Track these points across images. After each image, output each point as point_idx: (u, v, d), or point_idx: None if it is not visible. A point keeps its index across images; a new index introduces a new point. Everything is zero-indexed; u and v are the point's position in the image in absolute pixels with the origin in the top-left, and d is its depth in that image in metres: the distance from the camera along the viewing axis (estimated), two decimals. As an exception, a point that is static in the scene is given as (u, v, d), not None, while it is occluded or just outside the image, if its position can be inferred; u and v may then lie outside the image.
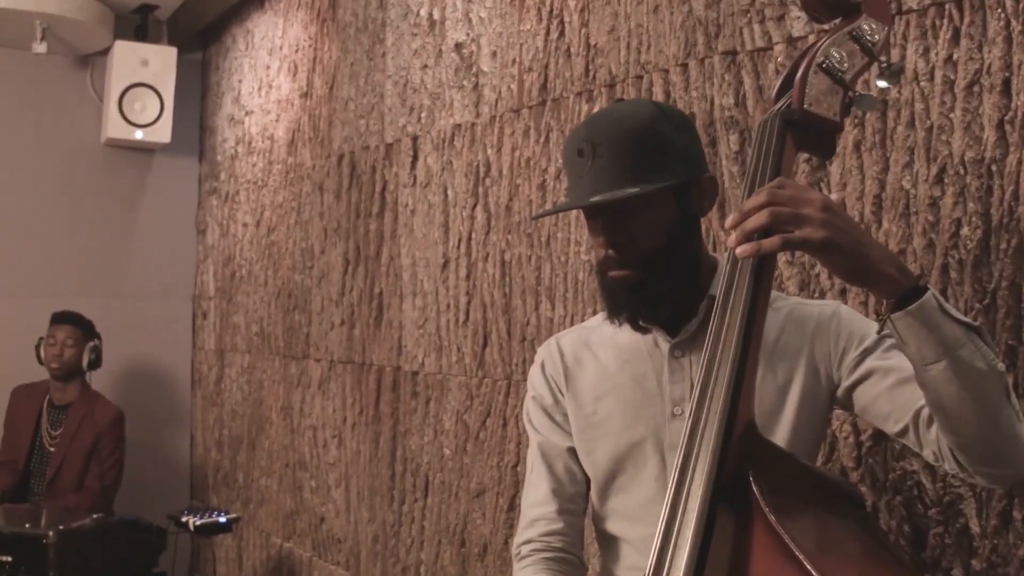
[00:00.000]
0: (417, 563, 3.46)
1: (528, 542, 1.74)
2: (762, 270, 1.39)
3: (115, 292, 5.27)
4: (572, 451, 1.76)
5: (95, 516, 3.52)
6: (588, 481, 1.76)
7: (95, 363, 4.50)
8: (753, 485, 1.28)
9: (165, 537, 3.90)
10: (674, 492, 1.33)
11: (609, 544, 1.74)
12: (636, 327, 1.70)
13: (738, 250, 1.35)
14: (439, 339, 3.36)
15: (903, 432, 1.52)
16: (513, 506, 3.00)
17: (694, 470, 1.32)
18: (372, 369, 3.74)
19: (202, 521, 3.87)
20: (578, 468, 1.76)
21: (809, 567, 1.17)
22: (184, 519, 3.90)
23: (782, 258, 2.16)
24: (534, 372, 1.84)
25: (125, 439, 4.46)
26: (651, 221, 1.60)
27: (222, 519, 3.93)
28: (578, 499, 1.77)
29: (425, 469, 3.42)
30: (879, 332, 1.40)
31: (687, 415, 1.37)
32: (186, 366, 5.49)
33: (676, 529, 1.30)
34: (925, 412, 1.47)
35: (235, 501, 4.82)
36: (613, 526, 1.72)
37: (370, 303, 3.77)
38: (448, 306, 3.32)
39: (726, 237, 1.41)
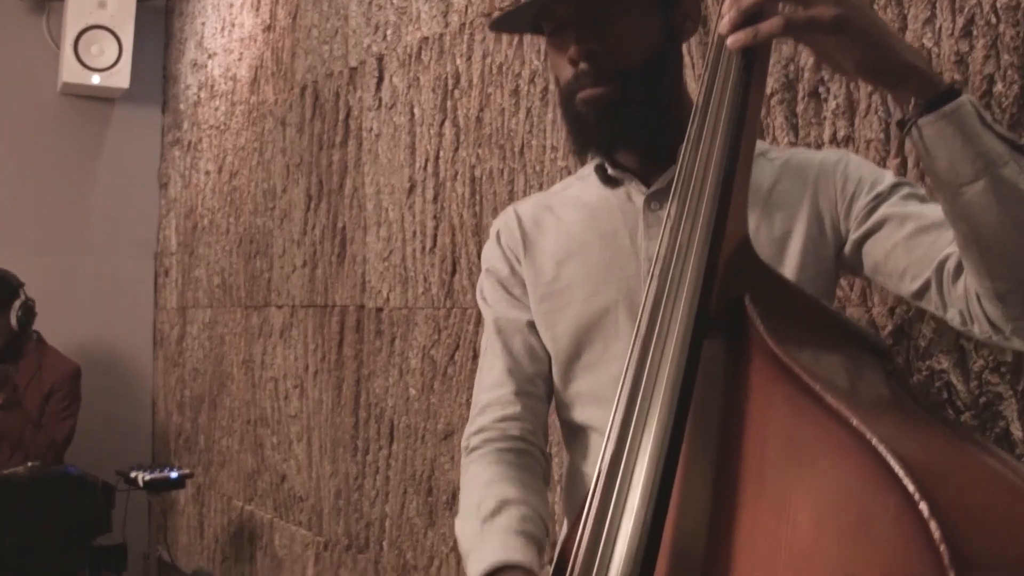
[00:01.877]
0: (382, 517, 3.18)
1: (480, 431, 1.45)
2: (754, 63, 1.11)
3: (74, 249, 4.97)
4: (532, 326, 1.47)
5: (30, 464, 3.22)
6: (551, 361, 1.47)
7: (26, 320, 4.12)
8: (750, 310, 1.00)
9: (113, 494, 3.62)
10: (645, 328, 1.05)
11: (576, 436, 1.45)
12: (606, 178, 1.42)
13: (730, 39, 1.07)
14: (404, 271, 3.08)
15: (923, 290, 1.23)
16: (483, 446, 2.72)
17: (673, 298, 1.03)
18: (335, 311, 3.45)
19: (151, 476, 3.59)
20: (539, 345, 1.46)
21: (833, 402, 0.87)
22: (133, 475, 3.61)
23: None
24: (488, 245, 1.56)
25: (80, 396, 4.16)
26: (629, 29, 1.31)
27: (173, 474, 3.65)
28: (539, 380, 1.47)
29: (390, 414, 3.14)
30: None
31: (661, 243, 1.09)
32: (148, 327, 5.19)
33: (648, 371, 1.00)
34: (951, 262, 1.18)
35: (196, 465, 4.53)
36: (580, 413, 1.43)
37: (333, 240, 3.48)
38: (414, 234, 3.04)
39: (714, 29, 1.14)
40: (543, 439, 1.47)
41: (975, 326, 1.17)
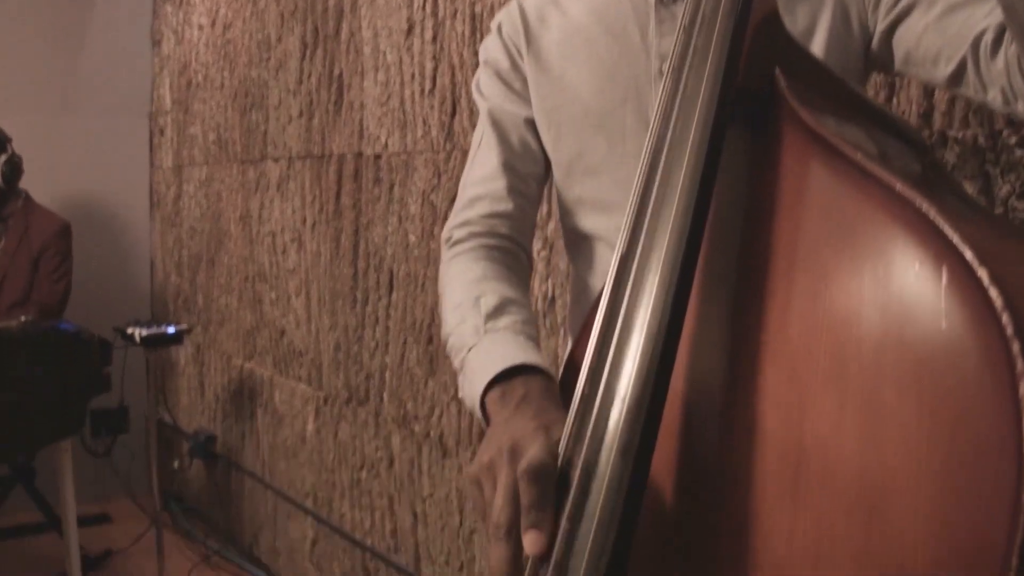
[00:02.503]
0: (382, 368, 3.14)
1: (465, 224, 1.33)
2: None
3: (64, 108, 4.84)
4: (531, 123, 1.36)
5: (23, 319, 3.15)
6: (548, 165, 1.38)
7: (12, 176, 3.99)
8: (781, 83, 0.90)
9: (110, 351, 3.56)
10: (659, 124, 0.94)
11: (581, 247, 1.36)
12: None
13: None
14: (403, 114, 2.97)
15: (959, 73, 1.13)
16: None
17: (692, 83, 0.93)
18: (332, 160, 3.36)
19: (149, 332, 3.54)
20: (537, 145, 1.36)
21: (878, 171, 0.77)
22: (130, 331, 3.56)
23: None
24: (488, 38, 1.44)
25: (72, 253, 4.09)
26: None
27: (170, 330, 3.60)
28: (532, 182, 1.36)
29: (389, 263, 3.07)
30: None
31: (678, 38, 0.99)
32: (143, 188, 5.09)
33: (663, 168, 0.89)
34: (988, 36, 1.08)
35: (196, 325, 4.49)
36: (584, 221, 1.33)
37: (329, 87, 3.37)
38: (413, 76, 2.93)
39: None
40: (529, 243, 1.38)
41: (1020, 103, 1.08)
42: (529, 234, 1.38)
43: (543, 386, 1.06)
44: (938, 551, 0.65)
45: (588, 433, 0.83)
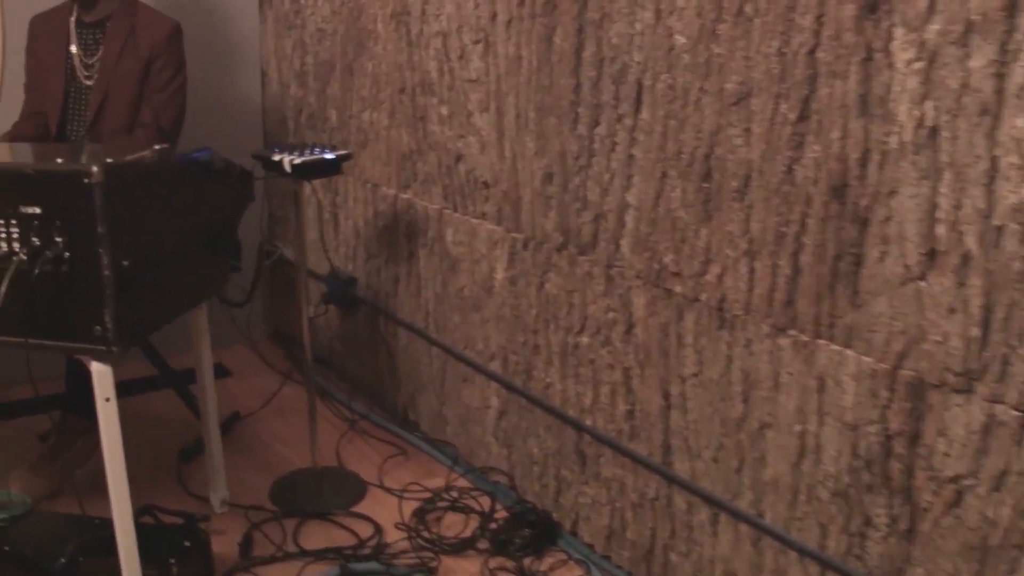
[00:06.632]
0: (620, 208, 2.43)
1: None
2: None
3: None
4: None
5: (157, 147, 2.44)
6: None
7: None
8: None
9: (251, 184, 2.87)
10: None
11: None
12: None
13: None
14: None
15: None
16: (806, 114, 1.93)
17: None
18: (542, -65, 2.58)
19: (302, 159, 2.82)
20: None
21: None
22: (277, 158, 2.85)
23: None
24: None
25: (186, 61, 3.34)
26: None
27: (329, 155, 2.88)
28: None
29: (637, 72, 2.33)
30: None
31: None
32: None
33: None
34: None
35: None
36: None
37: None
38: None
39: None
40: None
41: None
42: None
43: None
44: None
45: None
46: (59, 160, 2.32)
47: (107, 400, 2.25)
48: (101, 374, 2.24)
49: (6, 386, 3.64)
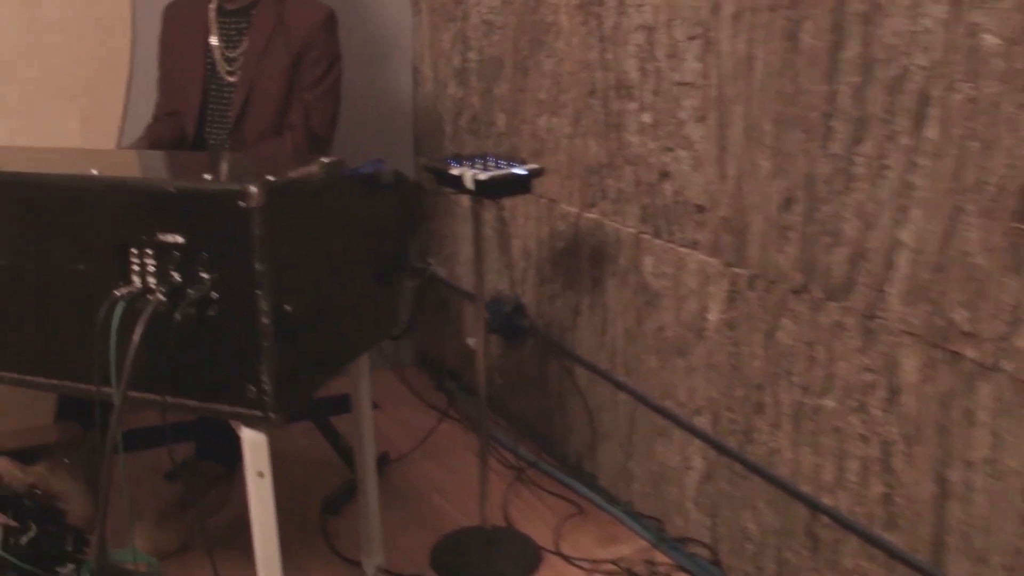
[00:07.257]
0: (891, 243, 1.96)
1: None
2: None
3: None
4: None
5: (324, 160, 2.03)
6: None
7: None
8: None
9: (423, 202, 2.45)
10: None
11: None
12: None
13: None
14: None
15: None
16: None
17: None
18: (788, -92, 2.11)
19: (489, 175, 2.39)
20: None
21: None
22: (456, 171, 2.43)
23: None
24: None
25: (341, 54, 2.95)
26: None
27: (518, 169, 2.44)
28: None
29: (921, 79, 1.84)
30: None
31: None
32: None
33: None
34: None
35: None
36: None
37: None
38: None
39: None
40: None
41: None
42: None
43: None
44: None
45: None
46: (207, 176, 1.92)
47: (260, 475, 1.85)
48: (255, 445, 1.84)
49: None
